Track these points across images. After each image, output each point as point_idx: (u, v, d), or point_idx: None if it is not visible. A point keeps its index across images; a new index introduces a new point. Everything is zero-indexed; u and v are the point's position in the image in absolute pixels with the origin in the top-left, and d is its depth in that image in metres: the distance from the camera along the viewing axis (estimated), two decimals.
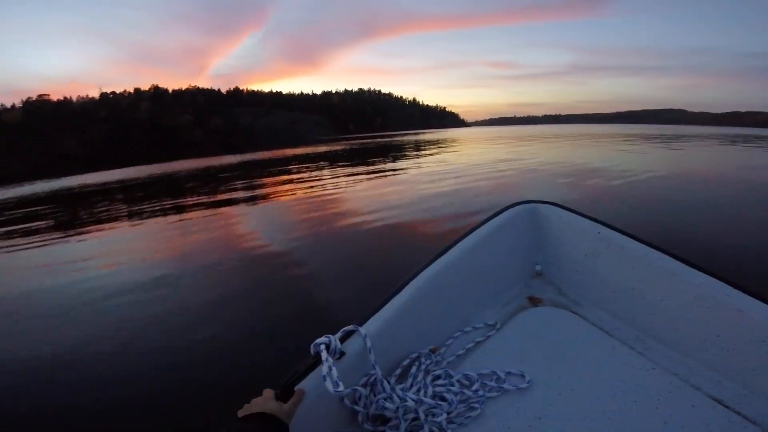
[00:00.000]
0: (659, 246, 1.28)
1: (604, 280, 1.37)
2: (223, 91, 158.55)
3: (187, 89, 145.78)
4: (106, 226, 6.10)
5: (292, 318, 2.44)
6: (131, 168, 25.31)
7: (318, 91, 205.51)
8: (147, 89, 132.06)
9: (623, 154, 11.63)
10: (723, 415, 0.93)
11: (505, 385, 1.04)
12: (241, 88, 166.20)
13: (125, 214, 7.06)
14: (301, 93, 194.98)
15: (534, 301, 1.46)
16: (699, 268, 1.16)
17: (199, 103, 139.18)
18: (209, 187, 10.46)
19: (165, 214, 6.60)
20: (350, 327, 0.99)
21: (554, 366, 1.12)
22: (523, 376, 1.07)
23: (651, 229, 3.76)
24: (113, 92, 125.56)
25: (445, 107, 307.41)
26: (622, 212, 4.39)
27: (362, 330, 0.98)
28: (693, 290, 1.12)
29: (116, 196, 10.59)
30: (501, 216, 1.57)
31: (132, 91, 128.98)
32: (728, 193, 5.50)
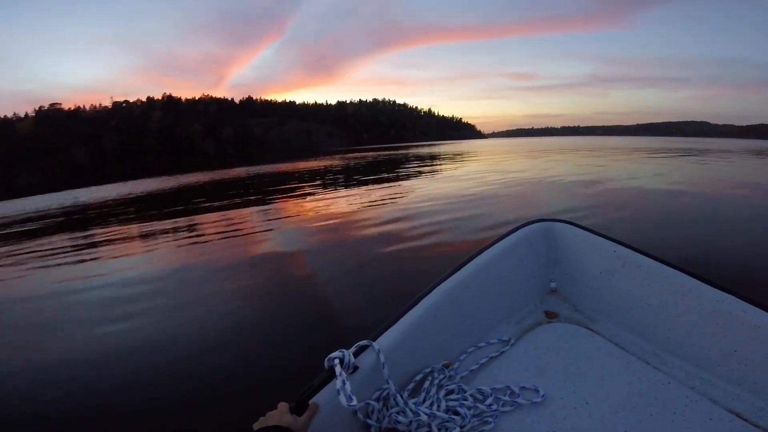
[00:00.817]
0: (674, 264, 1.33)
1: (620, 297, 1.41)
2: (237, 101, 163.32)
3: (200, 99, 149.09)
4: (120, 240, 6.27)
5: (308, 331, 2.49)
6: (143, 180, 25.69)
7: (333, 102, 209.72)
8: (160, 98, 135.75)
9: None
10: (742, 427, 0.96)
11: (519, 400, 1.06)
12: (254, 98, 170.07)
13: (137, 230, 7.16)
14: (315, 103, 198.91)
15: (549, 317, 1.49)
16: (714, 285, 1.20)
17: (212, 113, 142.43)
18: (223, 199, 10.49)
19: (176, 230, 6.67)
20: (364, 342, 1.03)
21: (569, 380, 1.14)
22: (537, 390, 1.10)
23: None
24: (126, 101, 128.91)
25: (461, 118, 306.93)
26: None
27: (375, 345, 1.01)
28: (709, 306, 1.17)
29: (129, 210, 10.77)
30: (516, 234, 1.61)
31: (144, 99, 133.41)
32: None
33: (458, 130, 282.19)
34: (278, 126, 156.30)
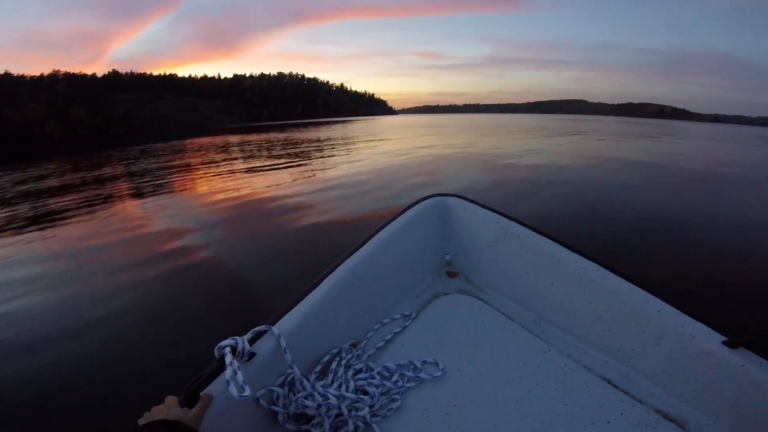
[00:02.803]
0: (548, 233, 1.42)
1: (504, 267, 1.51)
2: (100, 75, 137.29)
3: (49, 75, 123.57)
4: None
5: (208, 319, 2.40)
6: None
7: (230, 75, 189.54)
8: None
9: None
10: (613, 394, 1.05)
11: (422, 375, 1.13)
12: (121, 72, 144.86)
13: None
14: (205, 76, 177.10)
15: (445, 289, 1.58)
16: (580, 253, 1.31)
17: (59, 90, 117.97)
18: None
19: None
20: (261, 327, 0.99)
21: (464, 352, 1.23)
22: (437, 364, 1.17)
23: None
24: None
25: (373, 94, 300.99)
26: None
27: (275, 329, 0.99)
28: (576, 274, 1.26)
29: None
30: (413, 209, 1.66)
31: None
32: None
33: (371, 106, 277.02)
34: (150, 102, 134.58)
